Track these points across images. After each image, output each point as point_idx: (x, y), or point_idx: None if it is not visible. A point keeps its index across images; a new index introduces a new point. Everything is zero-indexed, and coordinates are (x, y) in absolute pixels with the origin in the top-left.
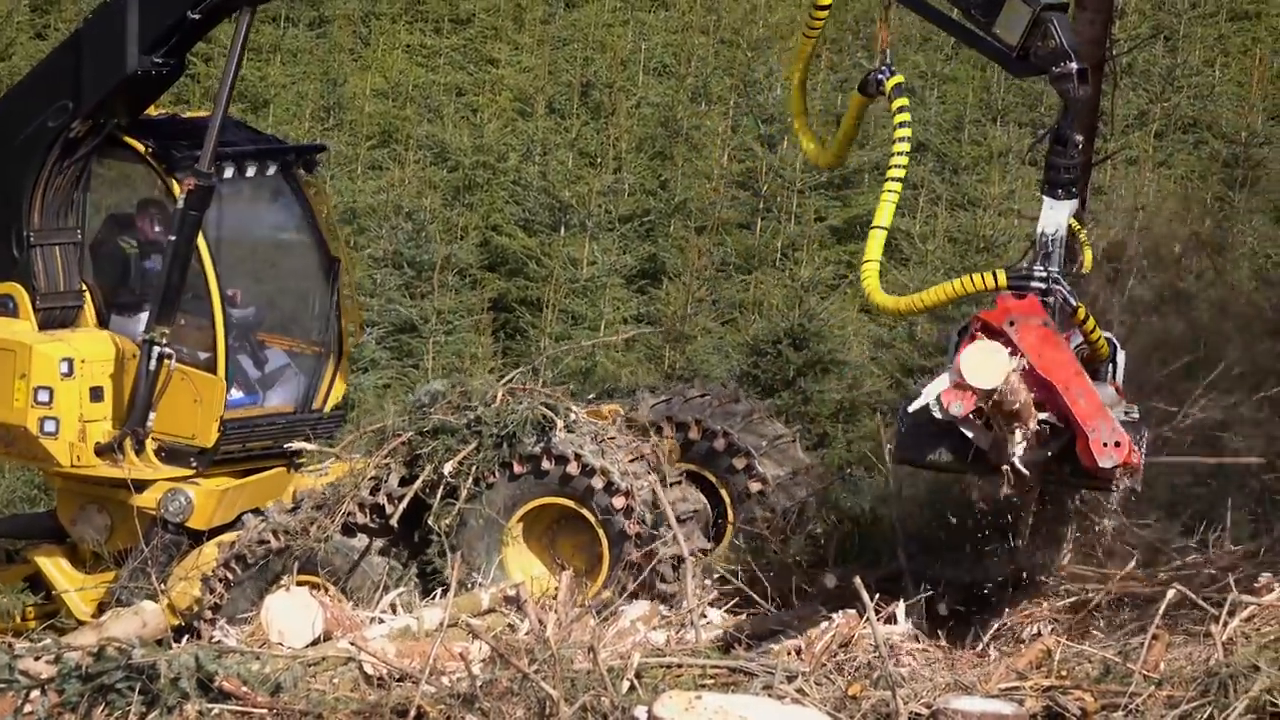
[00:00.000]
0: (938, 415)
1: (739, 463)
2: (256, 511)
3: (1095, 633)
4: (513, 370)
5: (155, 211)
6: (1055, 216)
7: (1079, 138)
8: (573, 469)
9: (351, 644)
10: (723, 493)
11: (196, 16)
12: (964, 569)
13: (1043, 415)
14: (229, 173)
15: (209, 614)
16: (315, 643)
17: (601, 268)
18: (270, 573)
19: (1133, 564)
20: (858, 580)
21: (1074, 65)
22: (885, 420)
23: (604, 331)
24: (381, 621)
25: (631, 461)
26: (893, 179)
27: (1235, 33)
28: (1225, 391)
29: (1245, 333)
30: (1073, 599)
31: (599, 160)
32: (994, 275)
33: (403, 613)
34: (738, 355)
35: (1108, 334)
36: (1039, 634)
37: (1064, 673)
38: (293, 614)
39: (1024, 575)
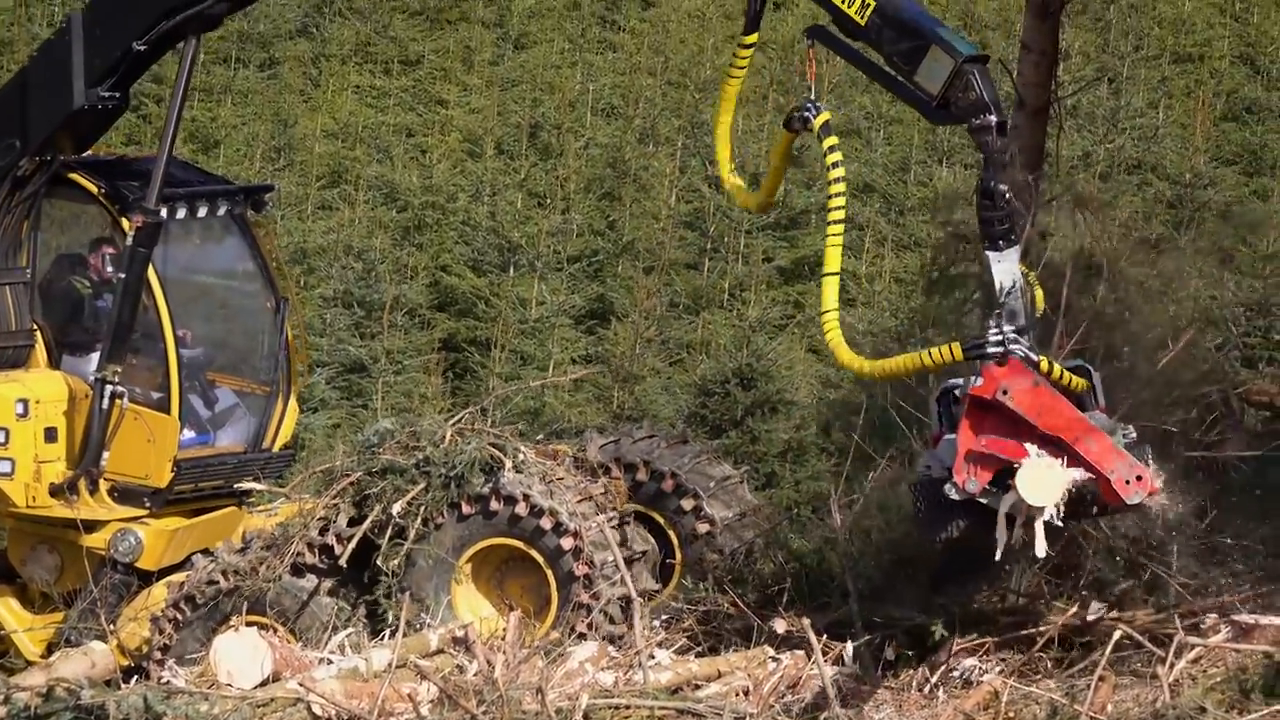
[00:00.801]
0: (955, 496)
1: (687, 504)
2: (206, 552)
3: (1042, 673)
4: (462, 410)
5: (108, 251)
6: (1005, 268)
7: (1004, 188)
8: (521, 509)
9: (300, 685)
10: (671, 534)
11: (142, 48)
12: (912, 611)
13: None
14: (181, 213)
15: (158, 654)
16: (264, 683)
17: (550, 308)
18: (219, 613)
19: (1078, 604)
20: (805, 622)
21: (994, 118)
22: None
23: (552, 371)
24: (330, 662)
25: (580, 502)
26: (834, 221)
27: (1179, 75)
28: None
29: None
30: (1020, 638)
31: (547, 201)
32: (950, 350)
33: (351, 653)
34: (686, 395)
35: (1078, 362)
36: (986, 675)
37: (1011, 714)
38: (242, 655)
39: (972, 616)
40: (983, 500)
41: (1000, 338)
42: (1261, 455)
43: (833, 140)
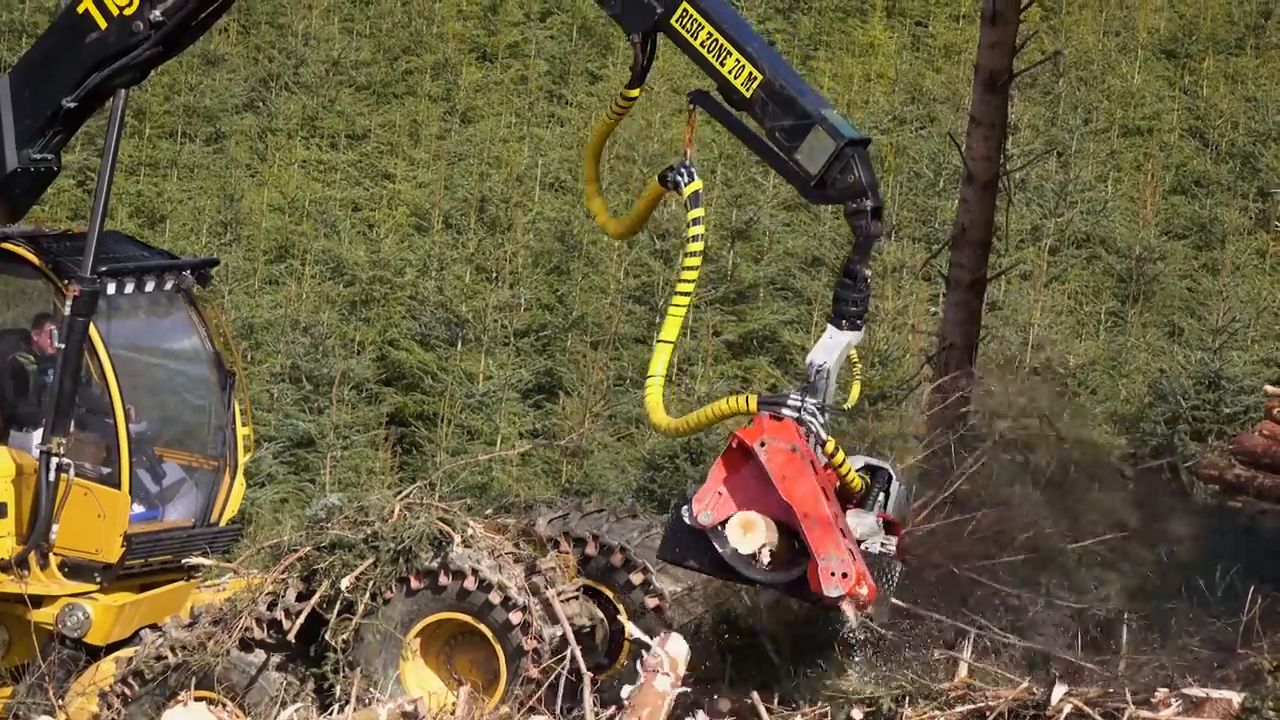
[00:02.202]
0: (686, 521)
1: (636, 578)
2: (154, 627)
3: None
4: (409, 485)
5: (52, 326)
6: (833, 345)
7: (868, 273)
8: (470, 584)
9: None
10: (620, 608)
11: (73, 104)
12: (853, 685)
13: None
14: (128, 287)
15: None
16: None
17: (498, 382)
18: (168, 688)
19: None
20: (755, 696)
21: (869, 202)
22: None
23: (500, 446)
24: None
25: (529, 577)
26: (681, 292)
27: (1127, 148)
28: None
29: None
30: (970, 712)
31: (496, 275)
32: (746, 400)
33: None
34: (634, 470)
35: (883, 464)
36: None
37: None
38: None
39: (921, 690)
40: (714, 541)
41: (798, 404)
42: (1211, 530)
43: (699, 213)
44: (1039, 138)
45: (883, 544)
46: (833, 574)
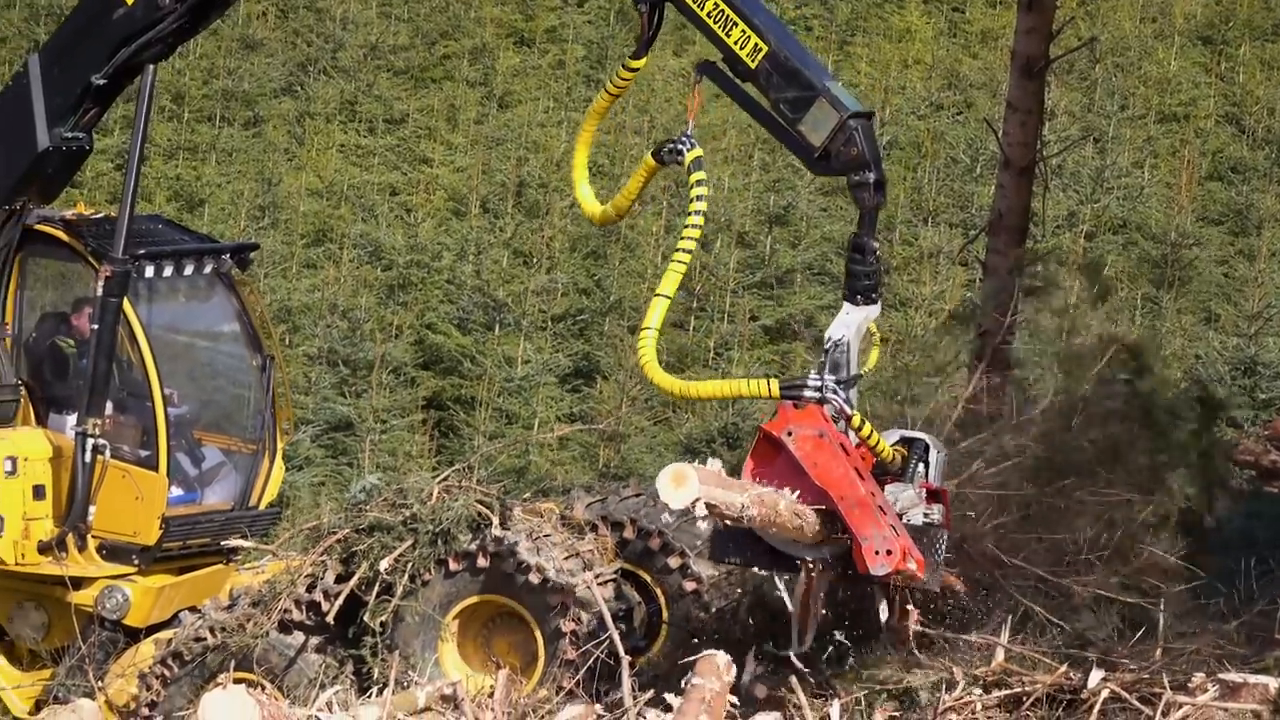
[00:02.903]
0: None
1: (674, 561)
2: (193, 609)
3: None
4: (448, 468)
5: (91, 309)
6: (849, 321)
7: (876, 245)
8: (508, 566)
9: None
10: (658, 591)
11: (102, 82)
12: (891, 670)
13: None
14: (167, 271)
15: (146, 711)
16: None
17: (535, 366)
18: (207, 670)
19: (1067, 662)
20: (794, 680)
21: (872, 175)
22: None
23: (537, 430)
24: (318, 719)
25: (567, 559)
26: (682, 249)
27: (1164, 134)
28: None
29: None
30: (1007, 697)
31: (533, 259)
32: (768, 384)
33: (339, 710)
34: (671, 454)
35: (920, 434)
36: None
37: None
38: (229, 711)
39: (954, 673)
40: (758, 532)
41: (819, 383)
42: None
43: (700, 176)
44: (1075, 124)
45: (926, 514)
46: (877, 552)
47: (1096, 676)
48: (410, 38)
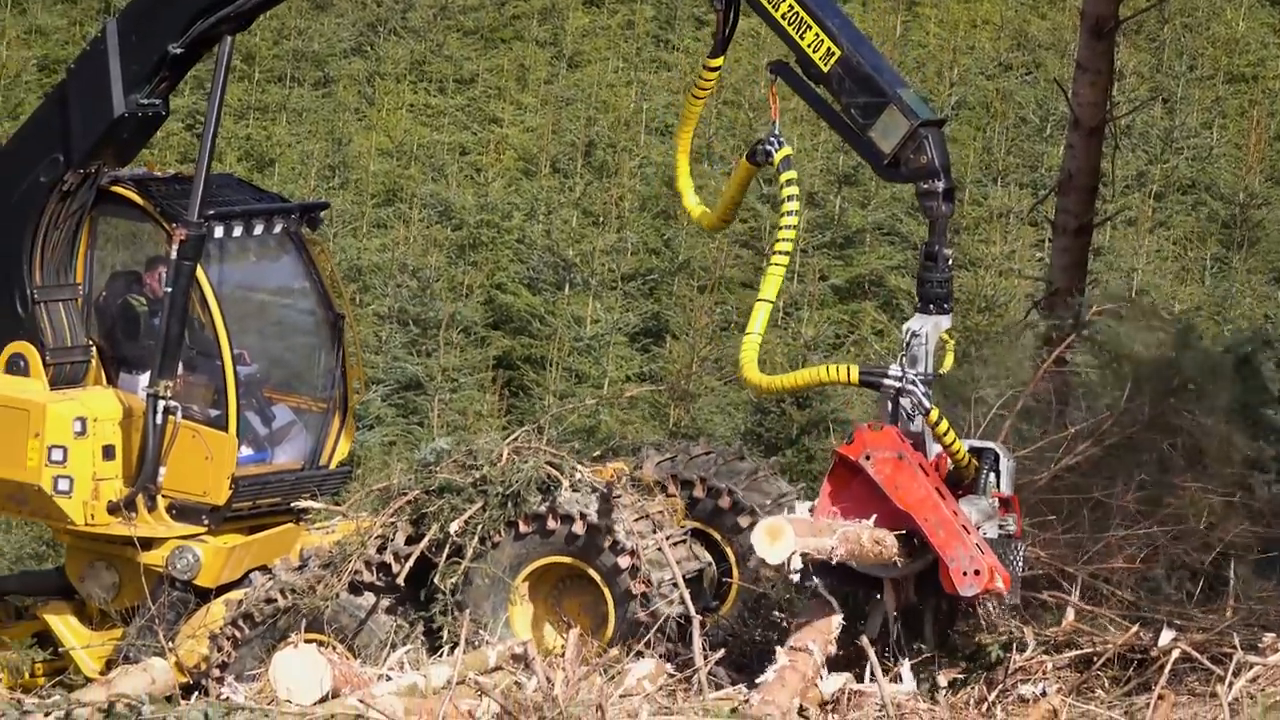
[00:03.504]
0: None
1: (744, 521)
2: (264, 569)
3: (1100, 692)
4: (517, 428)
5: (163, 269)
6: (925, 322)
7: (948, 253)
8: (578, 528)
9: (360, 701)
10: (728, 551)
11: (179, 51)
12: (962, 633)
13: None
14: (237, 230)
15: (217, 672)
16: (323, 700)
17: (605, 326)
18: (278, 631)
19: (1136, 623)
20: (864, 641)
21: (941, 184)
22: None
23: (607, 389)
24: (389, 679)
25: (636, 520)
26: (780, 253)
27: (1233, 95)
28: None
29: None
30: (1078, 657)
31: (602, 219)
32: (848, 371)
33: (410, 670)
34: (741, 413)
35: (991, 443)
36: (1044, 693)
37: None
38: (301, 672)
39: (1025, 634)
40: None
41: (899, 374)
42: None
43: (791, 175)
44: (1144, 84)
45: (1001, 525)
46: (965, 573)
47: (1167, 636)
48: None
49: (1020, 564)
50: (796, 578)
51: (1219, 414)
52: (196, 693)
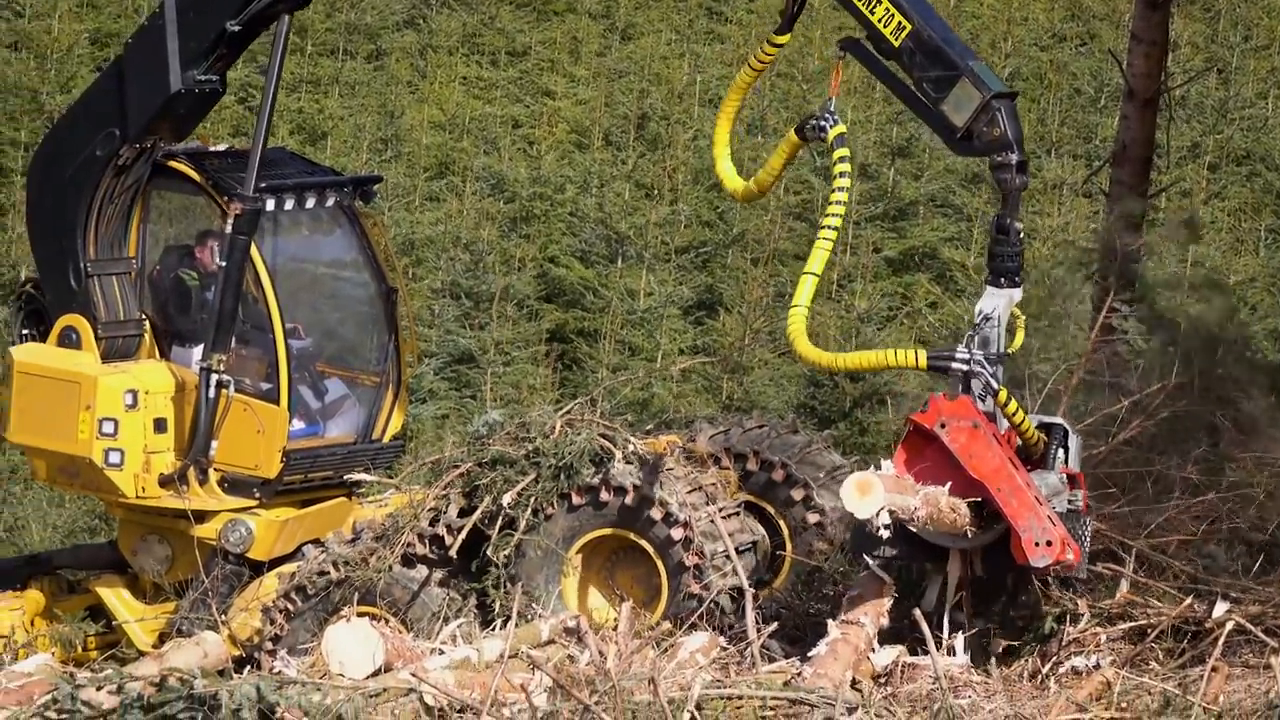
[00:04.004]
0: (880, 524)
1: (797, 494)
2: (317, 542)
3: (1153, 664)
4: (570, 401)
5: (215, 242)
6: (995, 301)
7: (1019, 226)
8: (631, 500)
9: (412, 675)
10: (781, 524)
11: (236, 28)
12: (1016, 607)
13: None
14: (289, 204)
15: (270, 645)
16: (376, 674)
17: (658, 299)
18: (330, 604)
19: (1191, 597)
20: (917, 613)
21: (1014, 156)
22: None
23: (661, 362)
24: (442, 652)
25: (690, 493)
26: (828, 227)
27: None
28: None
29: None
30: (1131, 629)
31: (655, 192)
32: (916, 355)
33: (463, 644)
34: (794, 386)
35: (1057, 419)
36: (1097, 665)
37: (1123, 705)
38: (353, 645)
39: (1079, 605)
40: (910, 526)
41: (967, 356)
42: None
43: (844, 152)
44: (1199, 55)
45: (1070, 501)
46: (1036, 544)
47: (1221, 609)
48: None
49: (1087, 539)
50: (885, 533)
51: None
52: (249, 666)
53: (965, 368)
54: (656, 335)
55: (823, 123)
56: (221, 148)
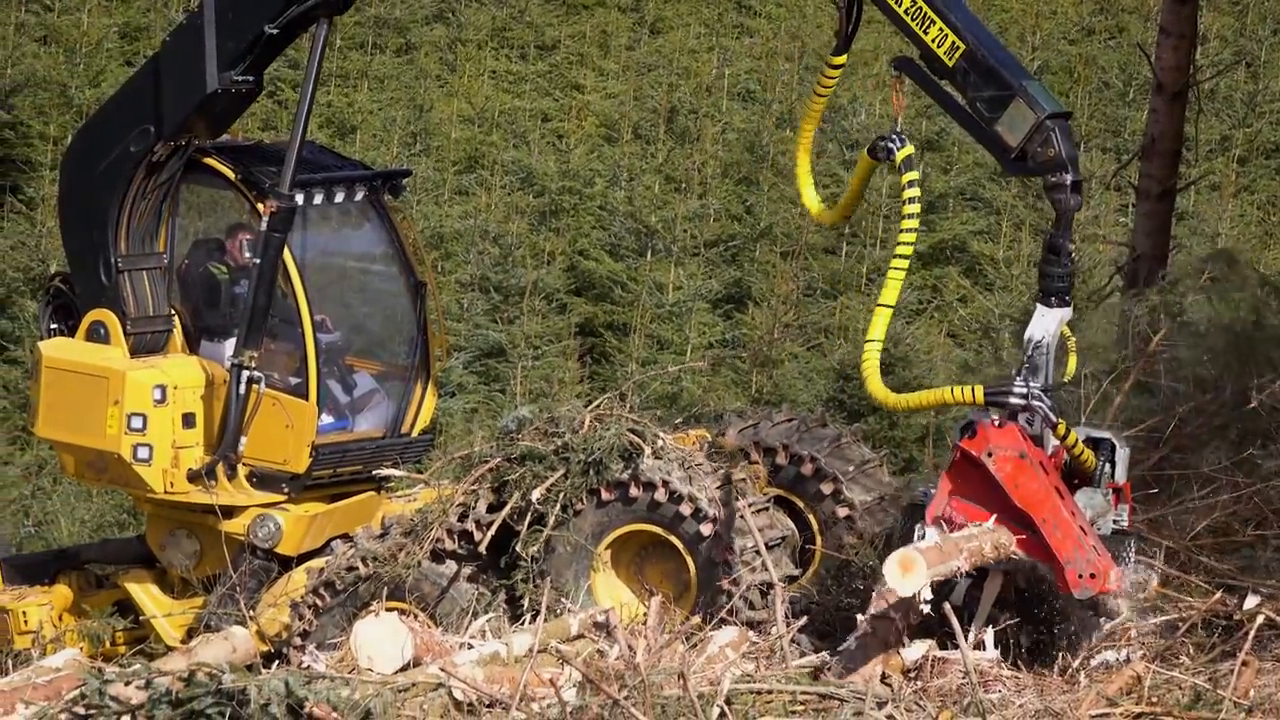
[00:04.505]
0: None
1: (826, 488)
2: (345, 537)
3: (1184, 658)
4: (600, 395)
5: (245, 236)
6: (1046, 324)
7: (1071, 247)
8: (660, 495)
9: (441, 669)
10: (810, 518)
11: (274, 31)
12: (1044, 604)
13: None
14: (318, 198)
15: (298, 640)
16: (405, 669)
17: (687, 292)
18: (359, 599)
19: (1220, 591)
20: (947, 607)
21: (1069, 176)
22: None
23: (690, 356)
24: (471, 647)
25: (719, 488)
26: (900, 255)
27: None
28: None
29: None
30: (1162, 623)
31: (685, 185)
32: (973, 391)
33: (492, 639)
34: (824, 380)
35: (1106, 433)
36: (1128, 659)
37: (1154, 699)
38: (382, 640)
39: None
40: None
41: (1025, 390)
42: None
43: (913, 175)
44: (1228, 48)
45: (1115, 520)
46: (1080, 575)
47: (1252, 602)
48: None
49: (1131, 556)
50: (926, 608)
51: None
52: (277, 661)
53: (1023, 402)
54: (685, 329)
55: (890, 144)
56: (250, 141)
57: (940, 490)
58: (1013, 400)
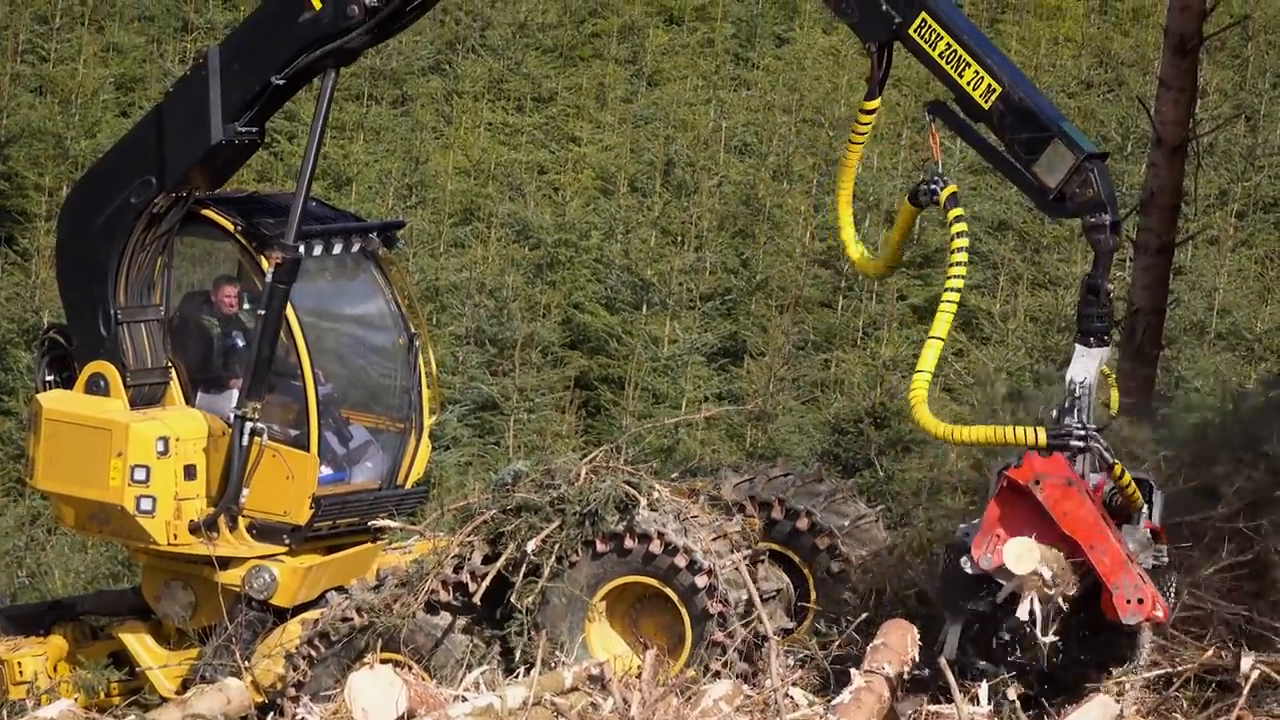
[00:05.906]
0: (968, 570)
1: (822, 542)
2: (340, 589)
3: (1177, 715)
4: (595, 448)
5: (233, 287)
6: (1086, 365)
7: (1110, 287)
8: (655, 547)
9: None
10: (805, 572)
11: (281, 82)
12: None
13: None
14: (317, 250)
15: (293, 691)
16: None
17: (683, 346)
18: (354, 650)
19: (1215, 643)
20: (942, 661)
21: (1108, 217)
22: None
23: (685, 410)
24: (465, 700)
25: (714, 540)
26: (952, 289)
27: None
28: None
29: None
30: (1156, 677)
31: (681, 238)
32: (1036, 433)
33: (486, 691)
34: (819, 434)
35: (1143, 475)
36: (1121, 714)
37: None
38: (376, 692)
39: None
40: (999, 579)
41: (1084, 432)
42: None
43: (959, 211)
44: (1227, 101)
45: (1155, 556)
46: (1128, 600)
47: (1248, 661)
48: (559, 16)
49: (1172, 593)
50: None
51: None
52: (272, 712)
53: (1083, 444)
54: (681, 382)
55: (934, 187)
56: (244, 192)
57: (987, 519)
58: (1074, 442)
